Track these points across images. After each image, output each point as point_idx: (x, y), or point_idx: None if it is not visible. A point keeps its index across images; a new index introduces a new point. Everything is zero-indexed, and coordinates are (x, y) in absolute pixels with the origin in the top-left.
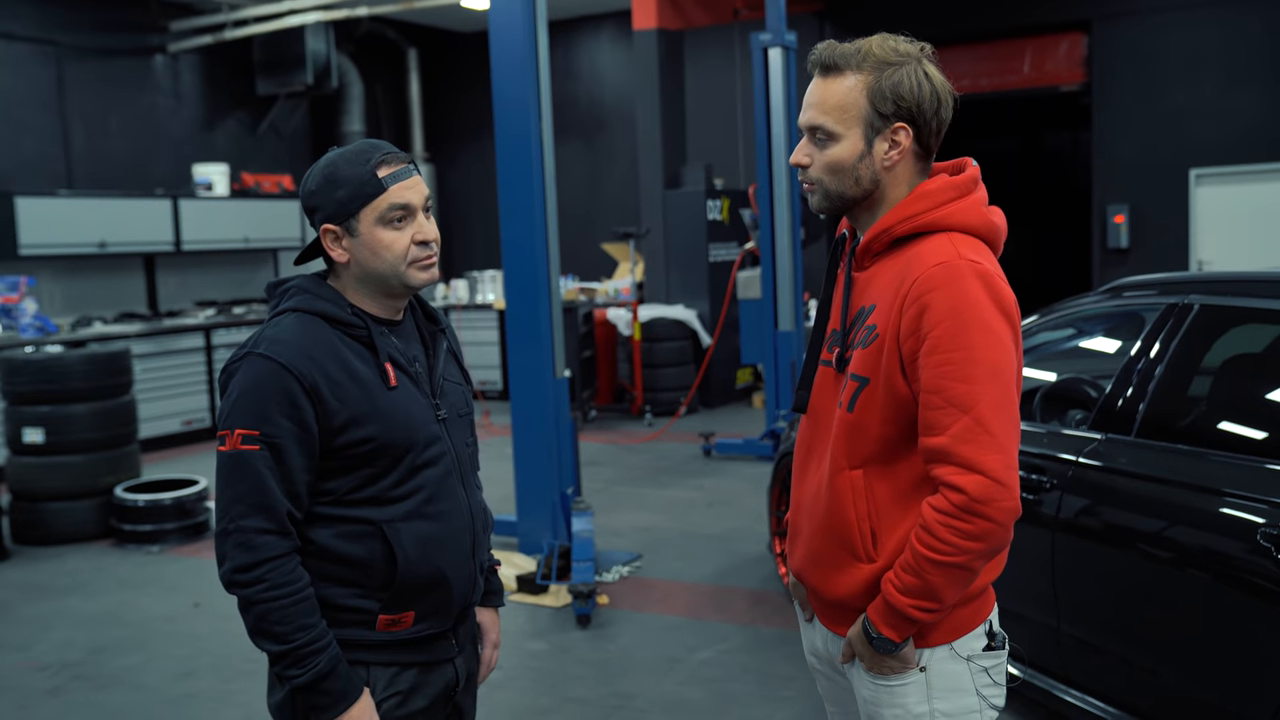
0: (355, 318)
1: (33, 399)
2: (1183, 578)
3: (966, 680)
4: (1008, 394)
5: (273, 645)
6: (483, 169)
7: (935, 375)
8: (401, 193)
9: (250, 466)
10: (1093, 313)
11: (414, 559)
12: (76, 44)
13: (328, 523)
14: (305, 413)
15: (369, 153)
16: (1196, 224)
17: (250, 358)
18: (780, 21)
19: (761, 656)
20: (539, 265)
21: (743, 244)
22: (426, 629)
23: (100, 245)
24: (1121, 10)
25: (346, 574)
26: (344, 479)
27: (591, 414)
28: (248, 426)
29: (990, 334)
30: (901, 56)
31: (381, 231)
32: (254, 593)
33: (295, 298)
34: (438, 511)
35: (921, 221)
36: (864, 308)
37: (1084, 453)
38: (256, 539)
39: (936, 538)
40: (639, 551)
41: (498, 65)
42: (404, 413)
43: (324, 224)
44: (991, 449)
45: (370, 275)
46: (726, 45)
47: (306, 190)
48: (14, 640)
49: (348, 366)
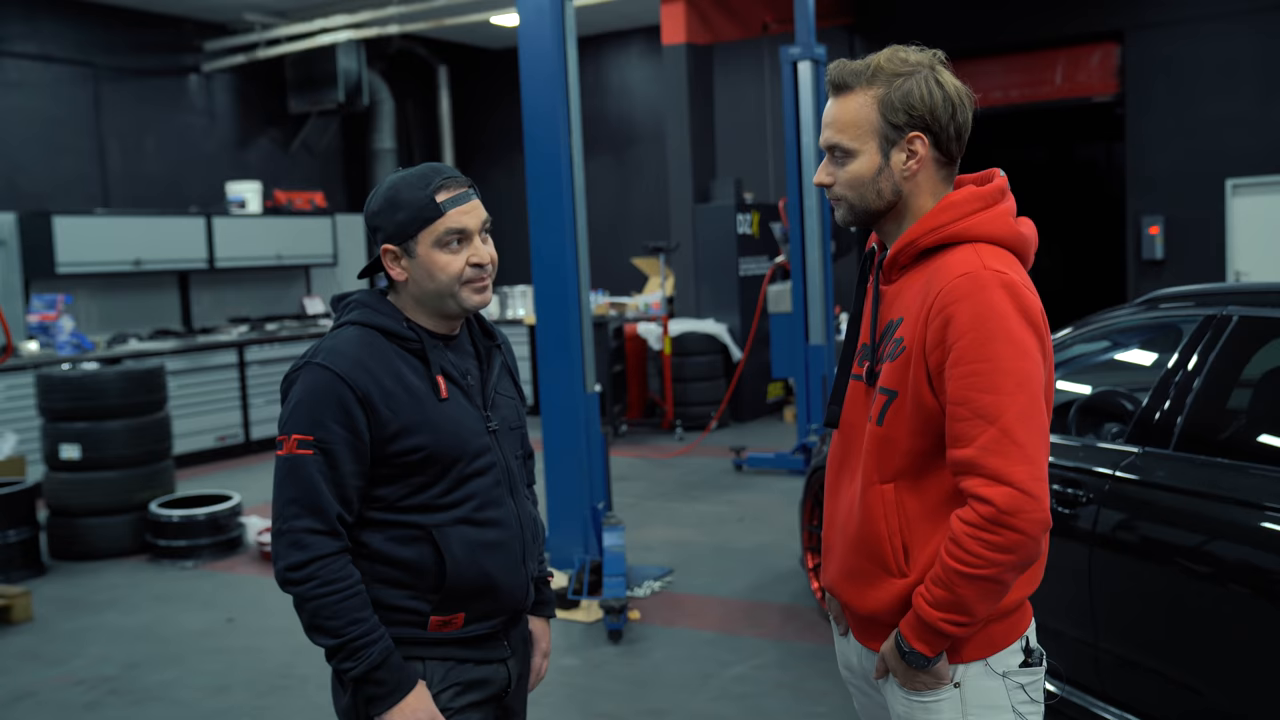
0: (410, 332)
1: (69, 415)
2: (1223, 593)
3: (1002, 697)
4: (1035, 404)
5: (326, 640)
6: (513, 184)
7: (961, 387)
8: (458, 218)
9: (304, 470)
10: (1128, 325)
11: (462, 563)
12: (113, 65)
13: (379, 527)
14: (358, 420)
15: (430, 177)
16: (1233, 235)
17: (309, 367)
18: (810, 35)
19: (794, 672)
20: (569, 280)
21: (773, 258)
22: (478, 629)
23: (135, 263)
24: (1154, 20)
25: (398, 576)
26: (395, 486)
27: (622, 428)
28: (303, 432)
29: (1015, 344)
30: (911, 67)
31: (438, 254)
32: (306, 590)
33: (355, 311)
34: (486, 519)
35: (947, 233)
36: (892, 321)
37: (1121, 466)
38: (307, 538)
39: (966, 550)
40: (670, 566)
41: (527, 81)
42: (454, 423)
43: (384, 243)
44: (1019, 460)
45: (426, 295)
46: (756, 59)
47: (370, 210)
48: (51, 655)
49: (401, 378)
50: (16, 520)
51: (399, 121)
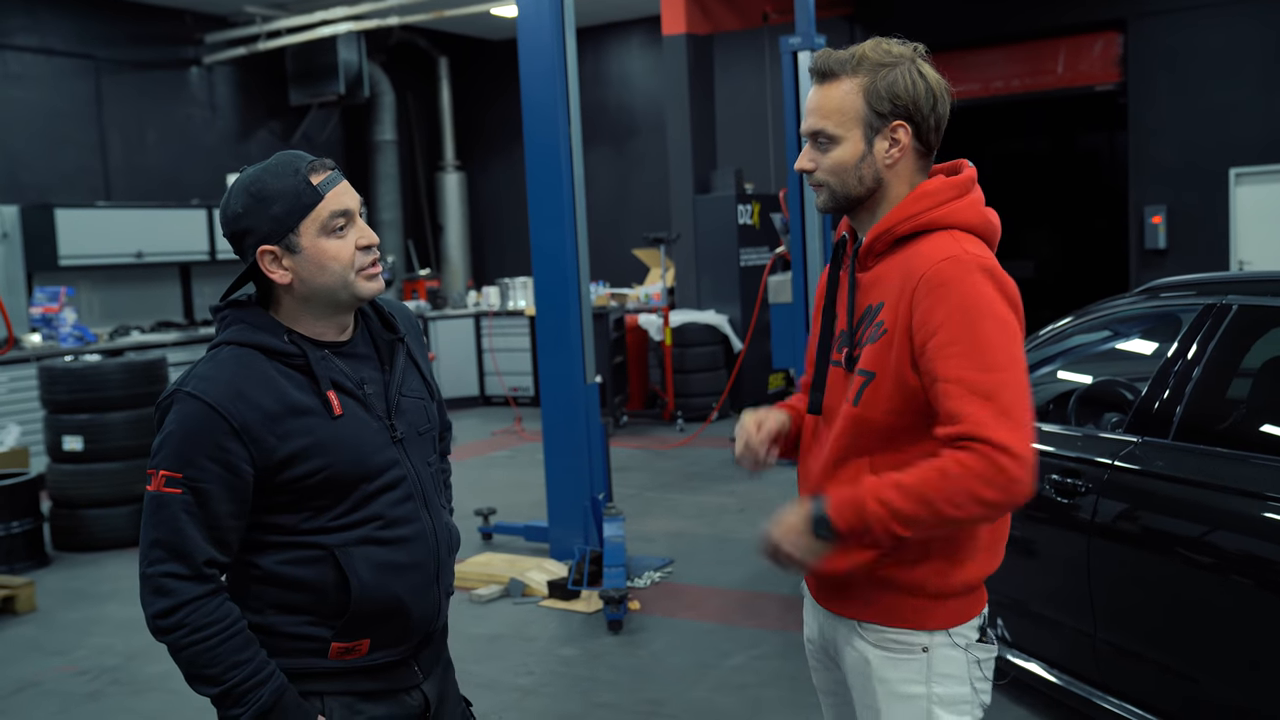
0: (292, 346)
1: (72, 407)
2: (1220, 582)
3: (963, 669)
4: (1025, 382)
5: (208, 688)
6: (514, 176)
7: (955, 367)
8: (340, 198)
9: (169, 510)
10: (1128, 314)
11: (369, 585)
12: (114, 58)
13: (277, 549)
14: (234, 455)
15: (294, 162)
16: (1237, 224)
17: (179, 396)
18: (810, 25)
19: (793, 662)
20: (569, 271)
21: (773, 248)
22: (384, 657)
23: (137, 255)
24: (1156, 9)
25: (296, 600)
26: (293, 514)
27: (623, 419)
28: (171, 469)
29: (1003, 324)
30: (895, 58)
31: (325, 242)
32: (177, 639)
33: (230, 329)
34: (396, 537)
35: (923, 220)
36: (871, 306)
37: (1120, 456)
38: (170, 584)
39: (956, 486)
40: (670, 557)
41: (526, 72)
42: (352, 441)
43: (260, 246)
44: (1021, 436)
45: (317, 292)
46: (756, 49)
47: (230, 214)
48: (54, 645)
49: (286, 399)
50: (20, 512)
51: (400, 113)
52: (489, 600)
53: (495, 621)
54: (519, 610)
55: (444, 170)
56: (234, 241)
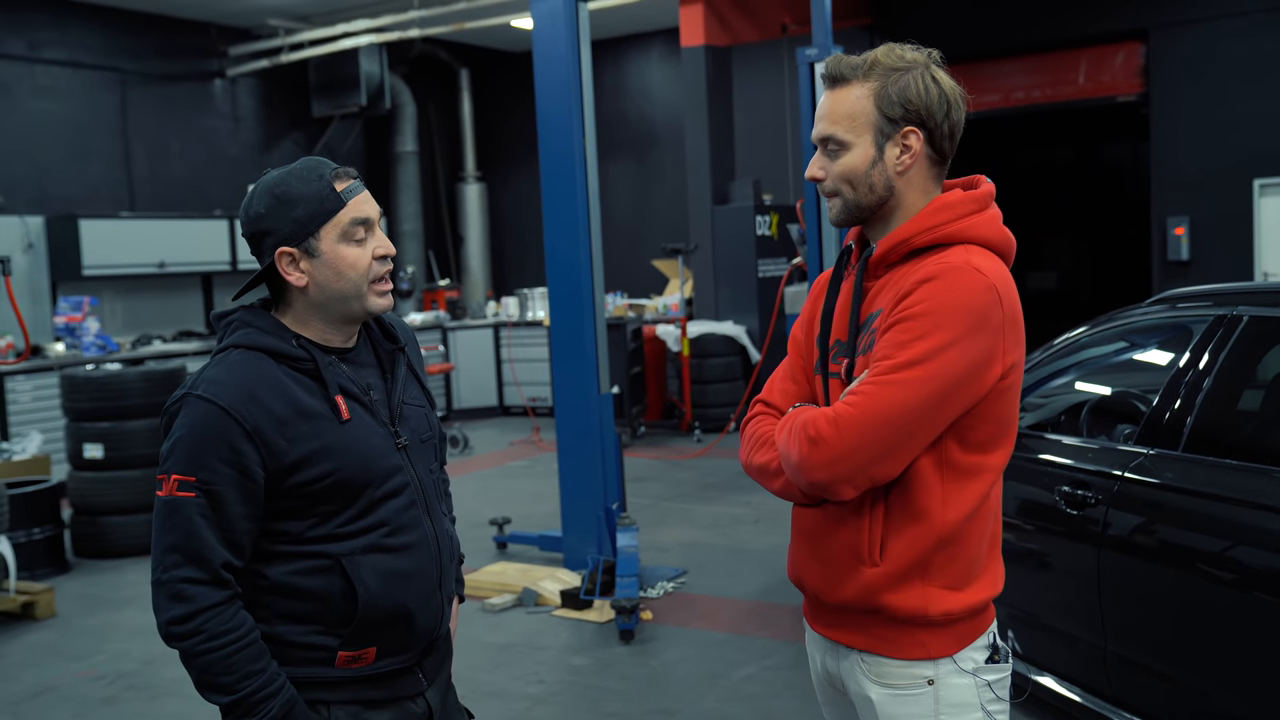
0: (301, 350)
1: (93, 415)
2: (1231, 595)
3: (972, 695)
4: (921, 403)
5: (220, 697)
6: (534, 187)
7: (882, 345)
8: (361, 206)
9: (183, 515)
10: (1142, 324)
11: (375, 593)
12: (139, 70)
13: (284, 559)
14: (247, 457)
15: (318, 168)
16: (1261, 235)
17: (189, 400)
18: (827, 36)
19: (804, 673)
20: (583, 281)
21: (791, 259)
22: (389, 665)
23: (160, 265)
24: (1179, 19)
25: (304, 610)
26: (301, 520)
27: (641, 430)
28: (183, 472)
29: (968, 335)
30: (907, 63)
31: (344, 248)
32: (192, 645)
33: (238, 332)
34: (401, 544)
35: (942, 233)
36: (871, 314)
37: (1130, 467)
38: (189, 589)
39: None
40: (684, 567)
41: (541, 85)
42: (360, 446)
43: (279, 247)
44: (847, 437)
45: (331, 298)
46: (775, 60)
47: (252, 214)
48: (73, 650)
49: (296, 403)
50: (41, 518)
51: (421, 124)
52: (502, 609)
53: (507, 630)
54: (531, 619)
55: (465, 181)
56: (253, 242)
